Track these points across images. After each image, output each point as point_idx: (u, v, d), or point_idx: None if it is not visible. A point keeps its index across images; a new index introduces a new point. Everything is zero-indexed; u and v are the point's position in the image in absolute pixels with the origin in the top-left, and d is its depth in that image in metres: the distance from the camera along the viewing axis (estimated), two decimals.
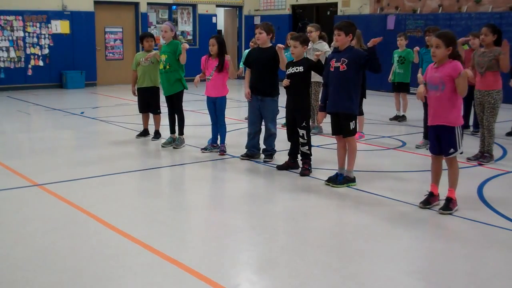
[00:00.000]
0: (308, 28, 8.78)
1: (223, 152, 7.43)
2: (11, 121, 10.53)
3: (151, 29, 17.30)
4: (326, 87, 6.02)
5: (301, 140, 6.51)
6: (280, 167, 6.64)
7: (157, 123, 8.44)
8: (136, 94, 8.49)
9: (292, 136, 6.62)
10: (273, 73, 6.91)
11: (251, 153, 7.14)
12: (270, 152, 7.08)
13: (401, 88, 10.42)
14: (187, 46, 7.65)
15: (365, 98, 8.55)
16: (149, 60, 8.22)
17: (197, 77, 7.40)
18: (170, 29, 7.77)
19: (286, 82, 6.50)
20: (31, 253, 4.17)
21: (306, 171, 6.48)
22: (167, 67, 7.72)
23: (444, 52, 5.02)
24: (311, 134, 8.74)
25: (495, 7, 13.33)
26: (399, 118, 10.41)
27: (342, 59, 5.81)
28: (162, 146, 7.94)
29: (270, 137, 7.06)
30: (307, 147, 6.52)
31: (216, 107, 7.41)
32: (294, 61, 6.54)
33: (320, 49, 8.47)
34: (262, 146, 7.20)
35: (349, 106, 5.88)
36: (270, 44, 7.00)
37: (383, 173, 6.70)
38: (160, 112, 8.39)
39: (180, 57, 7.61)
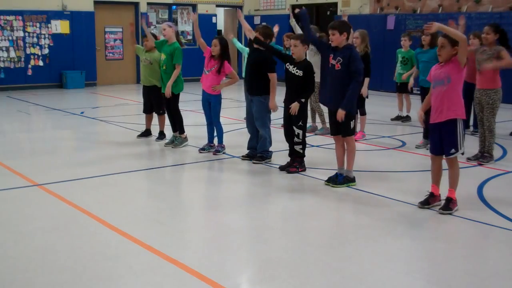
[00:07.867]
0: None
1: (217, 152, 7.41)
2: (11, 121, 10.53)
3: (151, 29, 17.26)
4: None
5: (295, 139, 6.51)
6: (282, 168, 6.63)
7: (161, 123, 8.42)
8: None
9: (289, 135, 6.59)
10: (261, 73, 6.78)
11: (251, 153, 7.12)
12: (260, 155, 7.00)
13: (404, 88, 10.37)
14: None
15: (367, 98, 8.54)
16: (148, 60, 8.24)
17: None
18: (168, 25, 7.77)
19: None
20: (31, 253, 4.17)
21: (293, 169, 6.49)
22: (164, 67, 7.73)
23: (449, 52, 5.02)
24: (315, 134, 8.78)
25: (495, 7, 13.33)
26: (403, 119, 10.39)
27: (338, 58, 5.80)
28: (165, 146, 7.97)
29: (261, 138, 6.98)
30: (300, 146, 6.54)
31: (211, 107, 7.38)
32: (295, 61, 6.49)
33: None
34: None
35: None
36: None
37: (383, 173, 6.70)
38: (163, 113, 8.36)
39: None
